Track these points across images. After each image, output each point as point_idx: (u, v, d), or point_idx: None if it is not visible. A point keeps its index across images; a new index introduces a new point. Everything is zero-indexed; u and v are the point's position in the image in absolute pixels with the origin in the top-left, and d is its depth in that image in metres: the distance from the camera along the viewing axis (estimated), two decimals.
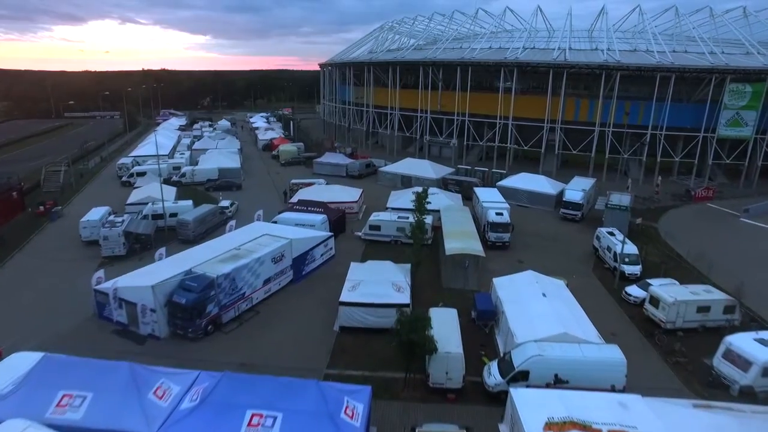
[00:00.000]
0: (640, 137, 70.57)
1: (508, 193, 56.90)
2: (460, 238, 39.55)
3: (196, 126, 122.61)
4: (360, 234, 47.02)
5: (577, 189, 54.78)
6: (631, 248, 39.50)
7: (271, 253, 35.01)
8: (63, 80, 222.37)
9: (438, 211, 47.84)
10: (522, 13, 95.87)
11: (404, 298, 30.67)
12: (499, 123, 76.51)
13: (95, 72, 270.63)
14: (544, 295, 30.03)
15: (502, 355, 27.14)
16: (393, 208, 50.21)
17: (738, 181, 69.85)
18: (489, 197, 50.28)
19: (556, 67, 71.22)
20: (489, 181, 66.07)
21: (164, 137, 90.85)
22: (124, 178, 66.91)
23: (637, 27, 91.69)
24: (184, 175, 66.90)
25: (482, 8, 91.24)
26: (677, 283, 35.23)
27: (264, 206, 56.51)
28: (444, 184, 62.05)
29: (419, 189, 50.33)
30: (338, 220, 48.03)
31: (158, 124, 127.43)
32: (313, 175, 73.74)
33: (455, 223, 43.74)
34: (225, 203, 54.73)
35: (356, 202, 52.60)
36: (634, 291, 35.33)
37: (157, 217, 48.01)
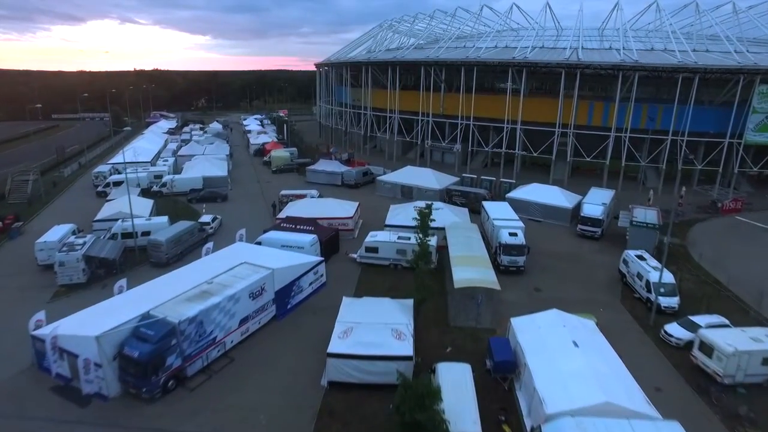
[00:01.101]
0: (660, 143, 65.34)
1: (518, 206, 51.72)
2: (470, 266, 34.22)
3: (186, 129, 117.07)
4: (355, 256, 41.70)
5: (595, 203, 49.44)
6: (667, 276, 34.17)
7: (249, 287, 29.67)
8: (54, 80, 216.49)
9: (443, 229, 42.69)
10: (528, 11, 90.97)
11: (405, 348, 25.32)
12: (507, 127, 71.17)
13: (88, 72, 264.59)
14: (575, 344, 24.69)
15: (529, 430, 21.80)
16: (392, 226, 44.86)
17: (764, 190, 64.64)
18: (500, 213, 44.88)
19: (569, 68, 65.92)
20: (497, 193, 60.79)
21: (149, 142, 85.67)
22: (99, 188, 61.51)
23: (651, 25, 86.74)
24: (164, 185, 61.50)
25: (487, 5, 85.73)
26: (728, 322, 29.95)
27: (250, 221, 51.67)
28: (448, 195, 56.73)
29: (421, 204, 45.36)
30: (331, 240, 42.72)
31: (148, 126, 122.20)
32: (306, 184, 68.48)
33: (463, 245, 38.40)
34: (206, 218, 49.41)
35: (351, 218, 47.24)
36: (675, 331, 30.00)
37: (127, 236, 42.65)
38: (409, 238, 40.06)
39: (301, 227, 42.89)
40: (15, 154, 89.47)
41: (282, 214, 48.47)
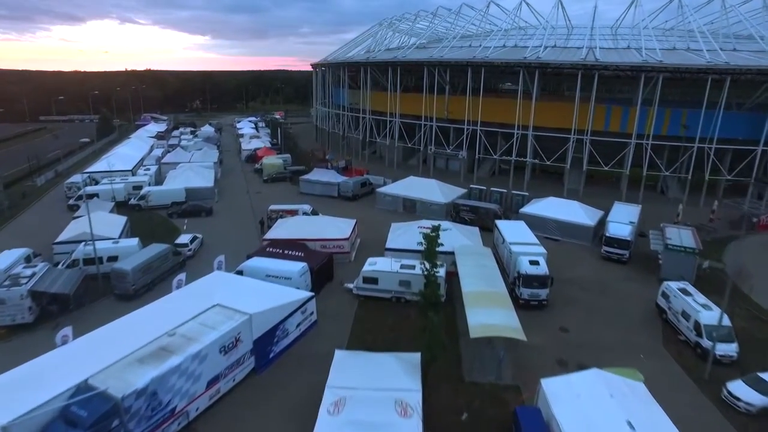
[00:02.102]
0: (679, 151, 60.02)
1: (533, 223, 46.27)
2: (487, 306, 28.69)
3: (175, 132, 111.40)
4: (351, 287, 36.16)
5: (622, 221, 43.89)
6: (717, 315, 28.70)
7: (220, 340, 24.18)
8: (46, 81, 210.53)
9: (452, 253, 37.23)
10: (535, 9, 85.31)
11: (413, 427, 19.83)
12: (517, 133, 65.68)
13: (82, 72, 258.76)
14: (630, 426, 19.21)
15: None
16: (394, 250, 39.33)
17: None
18: (517, 235, 39.31)
19: (587, 69, 60.47)
20: (509, 206, 55.30)
21: (132, 147, 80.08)
22: (71, 201, 55.95)
23: (668, 23, 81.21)
24: (143, 197, 55.93)
25: (494, 2, 79.99)
26: None
27: (235, 240, 46.40)
28: (455, 210, 51.21)
29: (427, 224, 39.95)
30: (323, 267, 37.21)
31: (137, 129, 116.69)
32: (299, 195, 62.93)
33: (477, 276, 32.89)
34: (185, 238, 43.88)
35: (347, 239, 41.70)
36: (743, 393, 24.48)
37: (90, 262, 37.13)
38: (414, 267, 34.62)
39: (290, 252, 37.40)
40: None
41: (270, 234, 42.96)
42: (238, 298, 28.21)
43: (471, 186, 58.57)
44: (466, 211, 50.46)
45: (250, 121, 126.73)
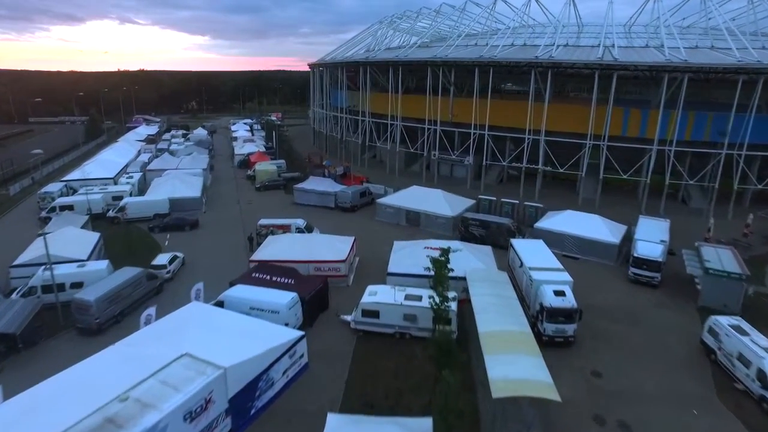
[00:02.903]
0: (703, 158, 55.48)
1: (550, 239, 41.83)
2: (510, 351, 24.08)
3: (166, 136, 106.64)
4: (349, 320, 31.50)
5: (651, 239, 39.25)
6: None
7: (184, 405, 19.56)
8: (38, 81, 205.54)
9: (463, 278, 32.72)
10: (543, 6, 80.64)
11: None
12: (528, 138, 61.05)
13: (77, 72, 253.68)
14: None
15: None
16: (397, 275, 34.74)
17: None
18: (537, 258, 34.59)
19: (604, 69, 55.92)
20: (521, 219, 50.71)
21: (117, 153, 75.37)
22: (43, 214, 51.23)
23: (685, 21, 76.64)
24: (122, 209, 51.26)
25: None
26: None
27: (220, 259, 41.89)
28: (463, 225, 46.54)
29: (434, 244, 35.56)
30: (317, 295, 32.56)
31: (129, 130, 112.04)
32: (293, 205, 58.30)
33: (494, 311, 28.26)
34: (163, 259, 39.20)
35: (344, 260, 37.03)
36: None
37: (49, 289, 32.47)
38: (421, 298, 30.07)
39: (278, 279, 32.81)
40: None
41: (258, 254, 38.32)
42: (212, 343, 23.66)
43: (480, 197, 53.88)
44: (475, 226, 45.78)
45: (245, 123, 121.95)
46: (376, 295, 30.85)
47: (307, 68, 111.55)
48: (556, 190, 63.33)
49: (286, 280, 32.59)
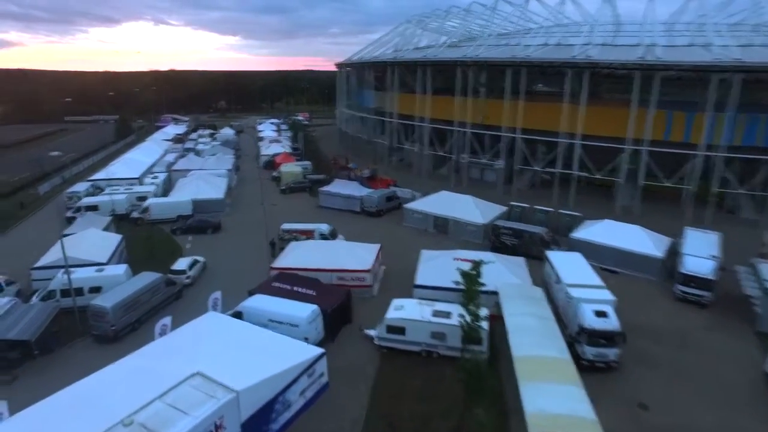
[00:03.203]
0: (764, 165, 51.76)
1: (587, 251, 39.28)
2: (547, 380, 21.92)
3: (193, 135, 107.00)
4: (373, 335, 29.73)
5: (701, 254, 36.30)
6: None
7: (193, 431, 18.11)
8: (75, 81, 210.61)
9: (495, 293, 30.63)
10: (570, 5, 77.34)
11: None
12: (563, 142, 58.23)
13: (111, 73, 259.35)
14: None
15: None
16: (424, 287, 32.84)
17: None
18: (575, 274, 32.16)
19: (647, 69, 52.76)
20: (555, 227, 48.08)
21: (144, 152, 75.50)
22: (69, 214, 51.11)
23: (733, 17, 72.30)
24: (146, 210, 50.73)
25: None
26: None
27: (241, 265, 40.75)
28: (494, 234, 44.24)
29: (464, 255, 33.62)
30: (340, 308, 30.91)
31: (158, 130, 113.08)
32: (318, 208, 56.92)
33: (529, 332, 26.10)
34: (182, 264, 38.17)
35: (369, 270, 35.27)
36: None
37: (68, 293, 31.68)
38: (449, 315, 28.09)
39: (299, 290, 31.28)
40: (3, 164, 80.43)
41: (279, 261, 36.91)
42: (226, 360, 22.27)
43: (511, 203, 51.39)
44: (508, 235, 43.45)
45: (272, 123, 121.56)
46: (402, 309, 28.98)
47: (335, 68, 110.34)
48: (590, 197, 60.24)
49: (307, 291, 31.05)
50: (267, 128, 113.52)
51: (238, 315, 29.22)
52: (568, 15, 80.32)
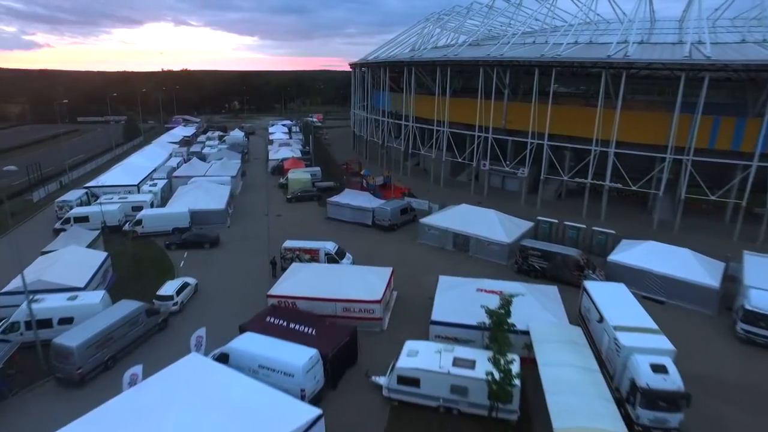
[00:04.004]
0: None
1: (626, 276, 34.65)
2: None
3: (202, 137, 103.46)
4: (382, 383, 25.09)
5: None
6: None
7: None
8: (90, 81, 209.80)
9: (526, 333, 25.93)
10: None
11: None
12: (595, 150, 53.02)
13: (128, 72, 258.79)
14: None
15: None
16: (443, 324, 28.18)
17: None
18: (621, 312, 27.07)
19: (694, 69, 47.39)
20: (587, 246, 43.05)
21: (146, 157, 71.89)
22: (57, 225, 47.41)
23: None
24: (139, 222, 46.82)
25: None
26: None
27: (237, 288, 36.66)
28: (521, 255, 39.26)
29: (489, 286, 29.17)
30: (343, 349, 26.36)
31: (167, 131, 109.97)
32: (326, 220, 52.53)
33: (571, 391, 21.26)
34: (170, 288, 34.01)
35: (380, 301, 30.68)
36: None
37: (40, 324, 27.59)
38: (473, 364, 23.42)
39: (297, 327, 26.91)
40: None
41: (277, 287, 32.49)
42: (201, 429, 17.90)
43: (538, 218, 46.35)
44: (536, 257, 38.47)
45: (283, 125, 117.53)
46: (417, 356, 24.33)
47: (349, 68, 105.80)
48: (622, 209, 55.11)
49: (305, 329, 26.64)
50: (278, 130, 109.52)
51: (224, 358, 24.94)
52: (598, 12, 74.95)
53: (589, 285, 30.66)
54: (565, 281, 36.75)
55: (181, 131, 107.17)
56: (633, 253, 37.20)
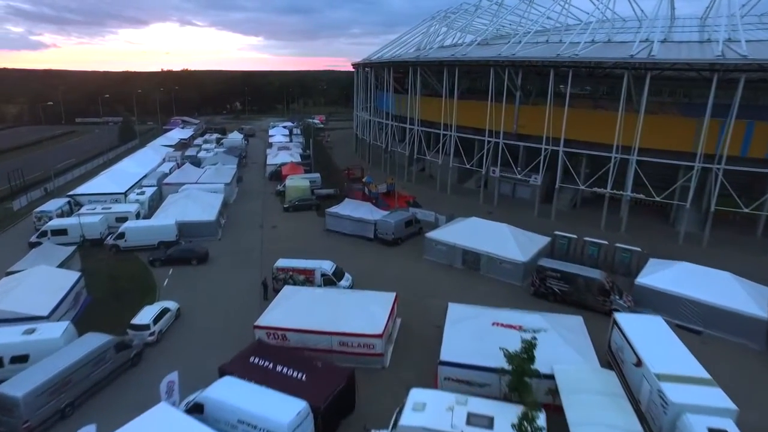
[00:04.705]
0: None
1: (656, 302, 31.02)
2: None
3: (198, 140, 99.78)
4: None
5: None
6: None
7: None
8: (91, 81, 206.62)
9: (551, 377, 22.21)
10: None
11: None
12: (615, 157, 49.05)
13: (130, 72, 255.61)
14: None
15: None
16: (454, 366, 24.32)
17: None
18: (662, 355, 23.05)
19: (730, 69, 43.40)
20: (610, 265, 39.10)
21: (137, 162, 68.23)
22: (33, 238, 43.80)
23: None
24: (122, 235, 43.15)
25: None
26: None
27: (225, 311, 33.04)
28: (539, 276, 35.29)
29: (506, 318, 25.55)
30: (338, 397, 22.53)
31: (165, 133, 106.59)
32: (325, 233, 48.77)
33: None
34: (146, 315, 30.28)
35: (381, 335, 26.85)
36: None
37: None
38: (491, 422, 19.60)
39: (284, 370, 23.18)
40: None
41: (266, 317, 28.71)
42: None
43: (555, 233, 42.38)
44: (555, 279, 34.55)
45: (284, 127, 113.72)
46: (424, 412, 20.49)
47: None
48: (642, 220, 51.21)
49: (295, 374, 22.91)
50: (278, 132, 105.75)
51: (198, 408, 21.25)
52: (615, 10, 70.85)
53: (622, 319, 26.70)
54: (588, 307, 32.96)
55: (178, 133, 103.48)
56: (665, 276, 33.23)
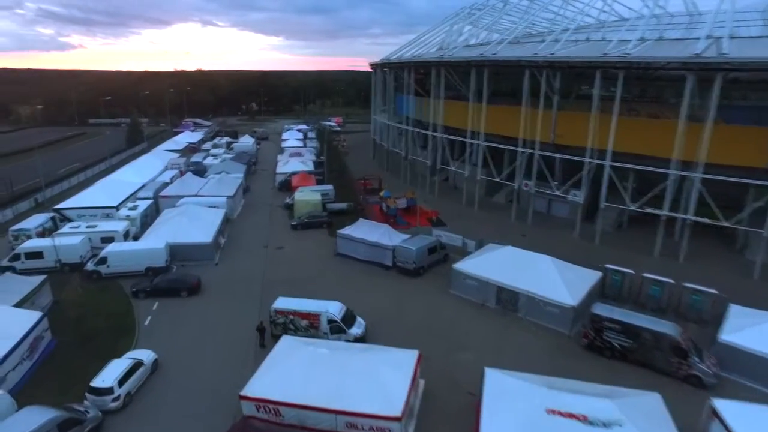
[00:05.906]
0: None
1: (749, 365, 24.73)
2: None
3: (207, 144, 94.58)
4: None
5: None
6: None
7: None
8: (109, 82, 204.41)
9: None
10: None
11: None
12: (673, 173, 42.11)
13: (149, 72, 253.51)
14: None
15: None
16: None
17: None
18: None
19: None
20: (676, 306, 32.34)
21: (136, 170, 63.00)
22: (3, 262, 38.54)
23: None
24: (104, 260, 37.65)
25: None
26: None
27: (208, 368, 27.29)
28: (594, 327, 28.66)
29: (564, 405, 19.28)
30: None
31: (175, 135, 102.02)
32: (336, 257, 42.72)
33: None
34: (109, 377, 24.37)
35: (400, 418, 20.63)
36: None
37: None
38: None
39: None
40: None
41: (252, 385, 22.74)
42: None
43: (607, 266, 35.58)
44: (615, 332, 27.93)
45: (298, 130, 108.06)
46: None
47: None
48: (702, 245, 43.89)
49: None
50: (292, 136, 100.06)
51: None
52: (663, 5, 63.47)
53: (725, 409, 19.92)
54: (655, 368, 26.42)
55: (187, 137, 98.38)
56: (759, 334, 26.36)
